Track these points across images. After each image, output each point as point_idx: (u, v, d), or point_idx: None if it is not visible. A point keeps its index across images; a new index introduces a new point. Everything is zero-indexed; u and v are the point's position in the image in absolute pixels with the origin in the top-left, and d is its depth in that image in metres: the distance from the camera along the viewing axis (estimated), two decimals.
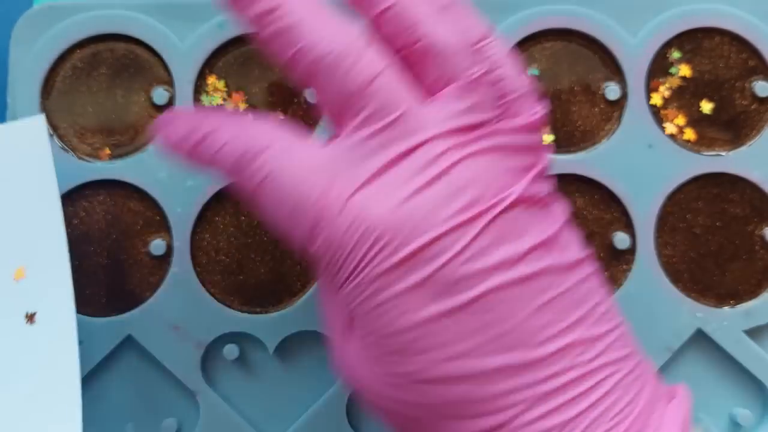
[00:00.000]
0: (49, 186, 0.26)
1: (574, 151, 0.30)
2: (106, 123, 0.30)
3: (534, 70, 0.30)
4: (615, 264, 0.29)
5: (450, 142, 0.19)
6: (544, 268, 0.19)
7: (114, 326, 0.28)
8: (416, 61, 0.20)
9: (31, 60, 0.29)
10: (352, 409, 0.29)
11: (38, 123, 0.26)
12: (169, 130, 0.21)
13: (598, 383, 0.19)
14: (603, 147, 0.29)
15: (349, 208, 0.18)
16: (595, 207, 0.30)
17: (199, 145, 0.20)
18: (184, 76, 0.29)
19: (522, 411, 0.18)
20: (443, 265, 0.18)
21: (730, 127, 0.30)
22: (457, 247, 0.18)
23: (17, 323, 0.25)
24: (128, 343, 0.29)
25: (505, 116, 0.20)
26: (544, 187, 0.20)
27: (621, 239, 0.29)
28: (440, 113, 0.19)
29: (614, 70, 0.30)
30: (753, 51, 0.30)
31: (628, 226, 0.29)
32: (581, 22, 0.30)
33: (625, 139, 0.29)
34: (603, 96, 0.30)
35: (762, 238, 0.29)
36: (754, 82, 0.30)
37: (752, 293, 0.29)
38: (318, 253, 0.19)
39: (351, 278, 0.19)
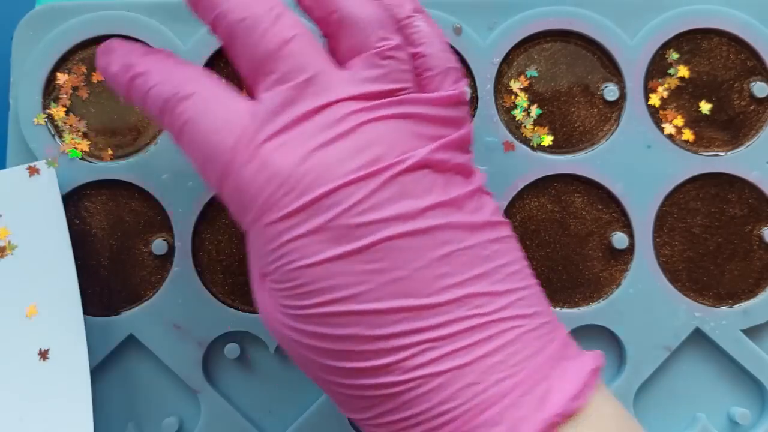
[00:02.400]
0: (59, 225, 0.27)
1: (573, 152, 0.30)
2: (109, 124, 0.30)
3: (533, 71, 0.30)
4: (613, 264, 0.29)
5: (357, 105, 0.20)
6: (444, 224, 0.20)
7: (116, 325, 0.29)
8: (333, 32, 0.21)
9: (34, 61, 0.29)
10: None
11: (48, 166, 0.28)
12: (108, 60, 0.23)
13: (495, 334, 0.19)
14: (602, 147, 0.30)
15: (258, 156, 0.20)
16: (593, 207, 0.30)
17: (131, 82, 0.22)
18: None
19: (412, 355, 0.19)
20: (341, 213, 0.19)
21: (728, 127, 0.30)
22: (356, 198, 0.19)
23: (31, 360, 0.26)
24: (130, 342, 0.29)
25: (425, 89, 0.21)
26: (457, 156, 0.21)
27: (620, 239, 0.29)
28: (350, 79, 0.20)
29: (613, 71, 0.30)
30: (751, 52, 0.30)
31: (627, 226, 0.30)
32: (580, 23, 0.30)
33: (624, 139, 0.30)
34: (602, 97, 0.30)
35: (760, 237, 0.30)
36: (753, 83, 0.30)
37: (750, 293, 0.29)
38: (229, 196, 0.21)
39: (255, 221, 0.20)
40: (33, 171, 0.28)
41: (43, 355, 0.26)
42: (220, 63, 0.30)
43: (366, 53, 0.21)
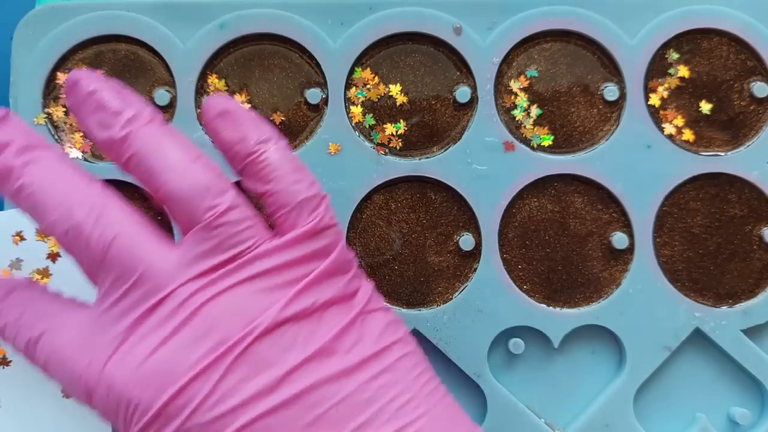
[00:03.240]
0: None
1: (573, 152, 0.30)
2: None
3: (533, 71, 0.30)
4: (613, 264, 0.30)
5: (194, 286, 0.19)
6: (311, 385, 0.18)
7: None
8: (165, 205, 0.20)
9: (34, 61, 0.29)
10: None
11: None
12: None
13: None
14: (602, 147, 0.30)
15: (104, 378, 0.19)
16: (593, 207, 0.30)
17: (1, 335, 0.21)
18: (186, 77, 0.29)
19: None
20: (192, 413, 0.18)
21: (728, 127, 0.30)
22: (203, 392, 0.18)
23: (57, 398, 0.27)
24: None
25: (282, 228, 0.20)
26: (330, 288, 0.20)
27: (620, 239, 0.29)
28: (181, 262, 0.19)
29: (613, 71, 0.30)
30: (751, 52, 0.30)
31: (627, 226, 0.30)
32: (580, 23, 0.30)
33: (624, 139, 0.30)
34: (602, 97, 0.30)
35: (760, 237, 0.30)
36: (753, 83, 0.30)
37: (750, 293, 0.29)
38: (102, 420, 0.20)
39: None
40: None
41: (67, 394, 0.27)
42: (219, 63, 0.30)
43: (194, 228, 0.20)
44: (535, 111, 0.30)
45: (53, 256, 0.28)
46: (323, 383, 0.19)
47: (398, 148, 0.30)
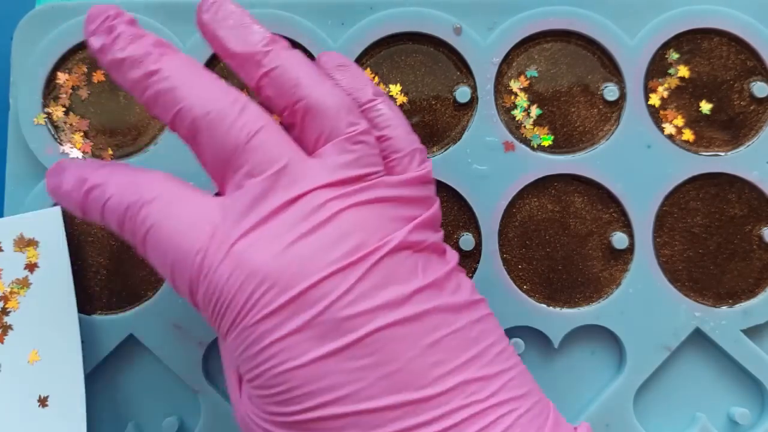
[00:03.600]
0: (63, 272, 0.27)
1: (573, 152, 0.30)
2: (109, 124, 0.30)
3: (533, 71, 0.30)
4: (613, 264, 0.30)
5: (332, 192, 0.19)
6: (432, 308, 0.19)
7: (116, 325, 0.29)
8: (299, 121, 0.21)
9: (34, 60, 0.29)
10: None
11: (54, 214, 0.28)
12: (59, 180, 0.22)
13: (494, 421, 0.19)
14: (602, 147, 0.30)
15: (231, 256, 0.19)
16: (593, 207, 0.30)
17: (87, 197, 0.21)
18: None
19: None
20: (327, 308, 0.18)
21: (728, 127, 0.30)
22: (341, 289, 0.18)
23: (31, 407, 0.26)
24: (130, 342, 0.29)
25: (392, 171, 0.21)
26: (431, 236, 0.21)
27: (620, 239, 0.29)
28: (322, 166, 0.20)
29: (613, 70, 0.30)
30: (751, 52, 0.30)
31: (627, 226, 0.30)
32: (580, 23, 0.30)
33: (624, 139, 0.30)
34: (602, 97, 0.30)
35: (760, 237, 0.30)
36: (753, 83, 0.30)
37: (750, 293, 0.29)
38: (202, 303, 0.19)
39: (235, 324, 0.19)
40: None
41: (43, 402, 0.26)
42: (219, 63, 0.30)
43: (336, 139, 0.20)
44: (535, 111, 0.30)
45: (31, 267, 0.27)
46: (441, 311, 0.19)
47: None
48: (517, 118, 0.30)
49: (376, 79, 0.30)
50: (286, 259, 0.18)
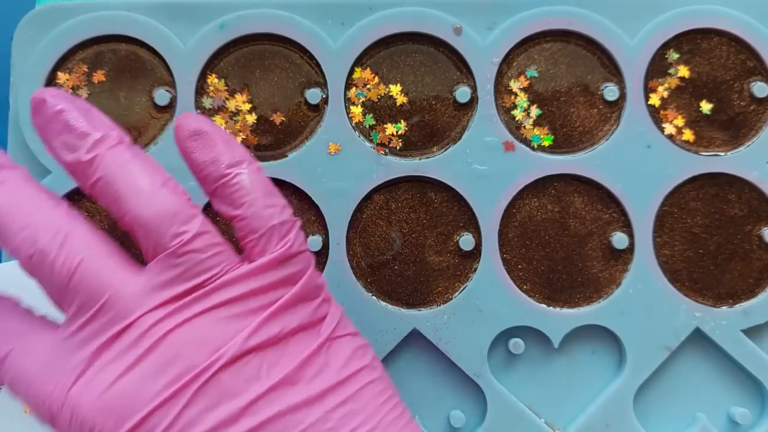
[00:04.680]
0: None
1: (573, 152, 0.30)
2: None
3: (533, 71, 0.30)
4: (613, 264, 0.30)
5: (158, 314, 0.19)
6: (274, 415, 0.18)
7: None
8: (131, 231, 0.20)
9: (34, 60, 0.29)
10: None
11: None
12: None
13: None
14: (602, 147, 0.30)
15: (68, 403, 0.19)
16: (593, 207, 0.30)
17: None
18: (186, 77, 0.29)
19: None
20: None
21: (728, 127, 0.30)
22: (166, 422, 0.18)
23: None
24: None
25: (251, 253, 0.20)
26: (297, 316, 0.20)
27: (620, 239, 0.29)
28: (146, 289, 0.19)
29: (613, 71, 0.30)
30: (751, 52, 0.30)
31: (627, 226, 0.30)
32: (580, 23, 0.30)
33: (624, 139, 0.30)
34: (602, 97, 0.30)
35: (760, 237, 0.30)
36: (753, 83, 0.30)
37: (750, 293, 0.29)
38: None
39: None
40: None
41: None
42: (219, 63, 0.30)
43: (160, 255, 0.19)
44: (535, 111, 0.30)
45: None
46: (285, 414, 0.19)
47: (398, 148, 0.30)
48: (517, 118, 0.30)
49: (376, 79, 0.30)
50: (110, 400, 0.18)
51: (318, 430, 0.19)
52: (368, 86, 0.30)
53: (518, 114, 0.30)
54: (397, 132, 0.30)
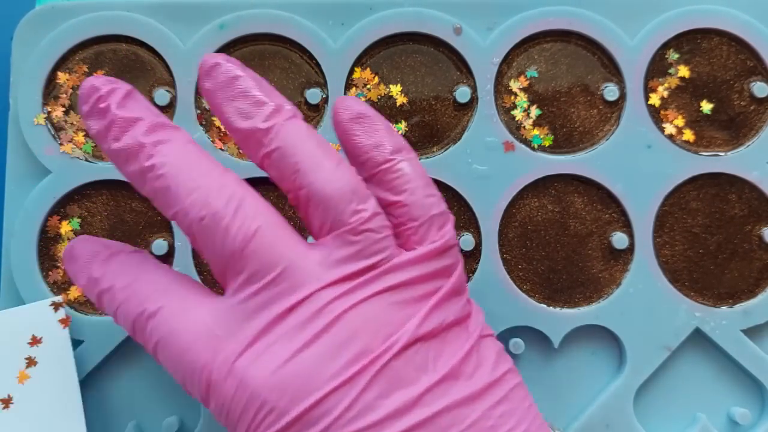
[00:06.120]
0: (67, 366, 0.27)
1: (573, 152, 0.30)
2: None
3: (533, 71, 0.30)
4: (614, 264, 0.30)
5: (335, 291, 0.19)
6: (443, 408, 0.18)
7: (116, 325, 0.29)
8: (302, 207, 0.20)
9: (34, 61, 0.29)
10: None
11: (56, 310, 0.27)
12: (73, 271, 0.21)
13: None
14: (602, 147, 0.30)
15: (234, 374, 0.18)
16: (593, 207, 0.30)
17: (100, 301, 0.21)
18: (186, 77, 0.29)
19: None
20: (329, 426, 0.17)
21: (728, 127, 0.30)
22: (343, 405, 0.17)
23: None
24: (130, 342, 0.29)
25: (408, 240, 0.20)
26: (453, 309, 0.20)
27: (620, 239, 0.29)
28: (323, 263, 0.19)
29: (613, 71, 0.30)
30: (751, 52, 0.30)
31: (627, 226, 0.30)
32: (580, 23, 0.30)
33: (624, 139, 0.30)
34: (602, 97, 0.30)
35: (760, 237, 0.30)
36: (753, 83, 0.30)
37: (750, 293, 0.29)
38: (215, 414, 0.19)
39: None
40: (57, 306, 0.27)
41: None
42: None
43: (338, 231, 0.19)
44: (535, 111, 0.30)
45: (31, 362, 0.27)
46: (453, 407, 0.18)
47: None
48: (517, 119, 0.30)
49: (376, 79, 0.30)
50: (284, 376, 0.18)
51: (481, 427, 0.18)
52: (368, 86, 0.30)
53: (518, 114, 0.30)
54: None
